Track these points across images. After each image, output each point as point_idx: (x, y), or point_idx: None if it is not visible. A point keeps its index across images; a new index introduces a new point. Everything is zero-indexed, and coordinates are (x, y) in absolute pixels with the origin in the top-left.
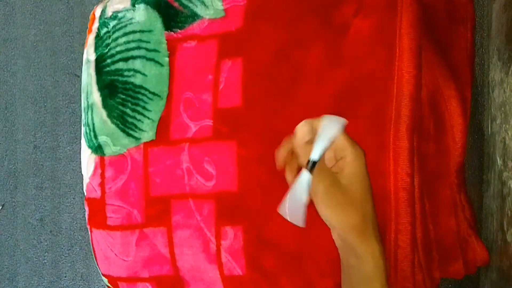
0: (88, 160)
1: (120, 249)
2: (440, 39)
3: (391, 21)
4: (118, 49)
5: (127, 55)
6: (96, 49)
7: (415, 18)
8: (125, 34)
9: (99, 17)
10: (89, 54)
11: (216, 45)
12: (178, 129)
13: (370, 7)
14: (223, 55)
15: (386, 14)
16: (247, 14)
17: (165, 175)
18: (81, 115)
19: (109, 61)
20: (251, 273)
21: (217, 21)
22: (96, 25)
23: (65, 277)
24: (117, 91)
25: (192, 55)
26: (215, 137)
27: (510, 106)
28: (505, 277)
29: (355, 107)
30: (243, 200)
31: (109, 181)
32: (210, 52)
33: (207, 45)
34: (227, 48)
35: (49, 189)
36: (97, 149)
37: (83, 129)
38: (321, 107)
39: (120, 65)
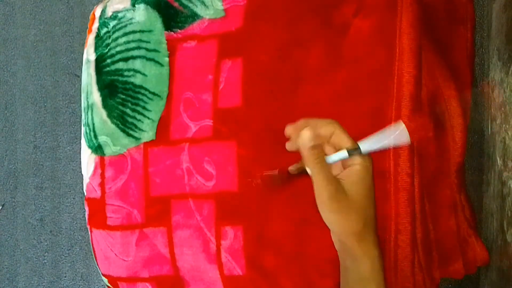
0: (88, 160)
1: (120, 249)
2: (440, 39)
3: (391, 21)
4: (118, 49)
5: (127, 55)
6: (96, 49)
7: (415, 18)
8: (125, 34)
9: (99, 17)
10: (89, 54)
11: (216, 45)
12: (178, 129)
13: (370, 7)
14: (223, 55)
15: (386, 14)
16: (247, 14)
17: (165, 175)
18: (81, 115)
19: (109, 61)
20: (251, 273)
21: (217, 21)
22: (96, 25)
23: (65, 277)
24: (117, 91)
25: (192, 55)
26: (215, 137)
27: (510, 106)
28: (505, 277)
29: (355, 107)
30: (243, 200)
31: (109, 181)
32: (210, 52)
33: (207, 45)
34: (227, 48)
35: (49, 189)
36: (97, 149)
37: (83, 129)
38: (321, 107)
39: (120, 65)
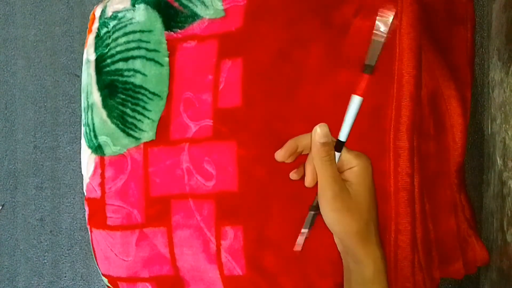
0: (88, 160)
1: (120, 249)
2: (440, 39)
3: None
4: (118, 49)
5: (127, 55)
6: (96, 49)
7: (415, 18)
8: (125, 34)
9: (99, 17)
10: (89, 54)
11: (216, 45)
12: (178, 129)
13: (370, 7)
14: (223, 55)
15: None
16: (247, 14)
17: (165, 175)
18: (81, 115)
19: (109, 61)
20: (251, 273)
21: (217, 21)
22: (96, 25)
23: (65, 277)
24: (117, 91)
25: (192, 55)
26: (215, 137)
27: (510, 106)
28: (505, 277)
29: None
30: (243, 200)
31: (109, 181)
32: (210, 52)
33: (207, 45)
34: (227, 48)
35: (49, 189)
36: (97, 149)
37: (83, 129)
38: (321, 107)
39: (120, 65)
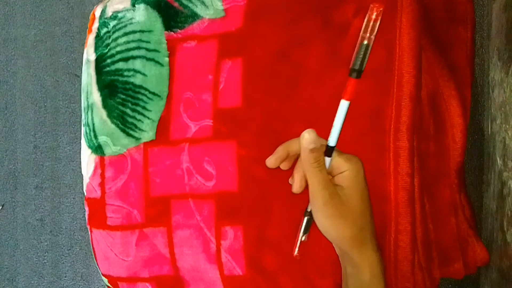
0: (88, 160)
1: (120, 249)
2: (440, 39)
3: (391, 21)
4: (118, 49)
5: (127, 55)
6: (96, 49)
7: (415, 18)
8: (125, 34)
9: (99, 17)
10: (89, 54)
11: (216, 45)
12: (178, 129)
13: None
14: (223, 55)
15: (386, 14)
16: (247, 14)
17: (165, 175)
18: (81, 115)
19: (109, 61)
20: (251, 273)
21: (217, 21)
22: (96, 25)
23: (65, 277)
24: (117, 91)
25: (192, 55)
26: (215, 137)
27: (510, 106)
28: (505, 277)
29: (355, 107)
30: (243, 200)
31: (109, 181)
32: (210, 52)
33: (207, 45)
34: (227, 48)
35: (49, 189)
36: (97, 149)
37: (83, 129)
38: (321, 107)
39: (120, 65)
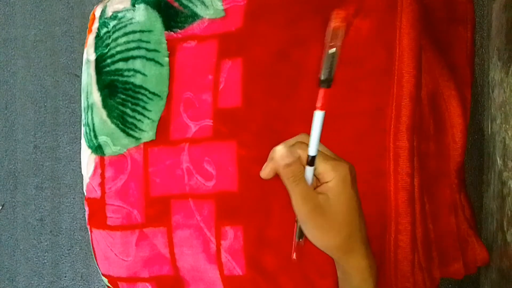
0: (88, 160)
1: (120, 249)
2: (440, 39)
3: (391, 21)
4: (118, 49)
5: (127, 55)
6: (96, 49)
7: (415, 18)
8: (125, 34)
9: (99, 17)
10: (89, 54)
11: (216, 45)
12: (178, 129)
13: (370, 7)
14: (223, 55)
15: (386, 14)
16: (247, 14)
17: (165, 175)
18: (81, 115)
19: (109, 61)
20: (251, 273)
21: (217, 21)
22: (96, 25)
23: (65, 277)
24: (117, 91)
25: (192, 55)
26: (215, 137)
27: (510, 106)
28: (505, 277)
29: (355, 107)
30: (243, 200)
31: (109, 181)
32: (210, 52)
33: (207, 45)
34: (227, 48)
35: (49, 189)
36: (97, 149)
37: (83, 129)
38: None
39: (120, 65)
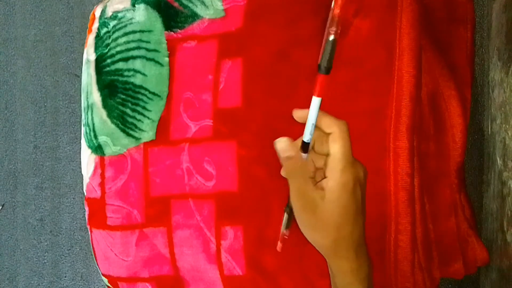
0: (88, 160)
1: (120, 249)
2: (440, 39)
3: (391, 21)
4: (118, 49)
5: (127, 55)
6: (96, 49)
7: (415, 18)
8: (125, 34)
9: (99, 17)
10: (89, 54)
11: (216, 45)
12: (178, 129)
13: (370, 7)
14: (223, 55)
15: (386, 14)
16: (247, 14)
17: (165, 175)
18: (81, 115)
19: (109, 61)
20: (251, 273)
21: (217, 21)
22: (96, 25)
23: (65, 277)
24: (117, 91)
25: (192, 55)
26: (215, 137)
27: (510, 106)
28: (505, 277)
29: (355, 107)
30: (243, 200)
31: (109, 181)
32: (210, 52)
33: (207, 45)
34: (227, 48)
35: (49, 189)
36: (97, 149)
37: (83, 129)
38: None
39: (120, 65)
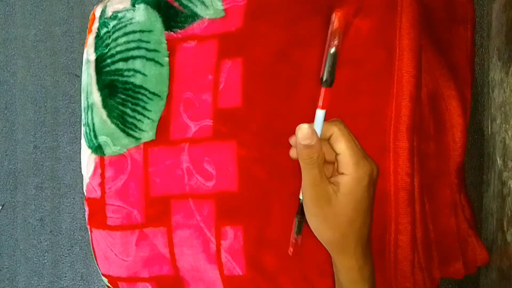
0: (88, 160)
1: (120, 249)
2: (440, 39)
3: (391, 21)
4: (118, 49)
5: (127, 55)
6: (96, 49)
7: (415, 18)
8: (125, 34)
9: (99, 17)
10: (89, 54)
11: (216, 45)
12: (178, 129)
13: (370, 7)
14: (223, 55)
15: (386, 14)
16: (247, 14)
17: (165, 175)
18: (81, 115)
19: (109, 61)
20: (251, 273)
21: (217, 21)
22: (96, 25)
23: (65, 277)
24: (117, 91)
25: (192, 55)
26: (215, 137)
27: (510, 106)
28: (505, 277)
29: (355, 107)
30: (243, 200)
31: (109, 181)
32: (210, 52)
33: (207, 45)
34: (227, 48)
35: (49, 189)
36: (97, 149)
37: (83, 129)
38: None
39: (120, 65)
